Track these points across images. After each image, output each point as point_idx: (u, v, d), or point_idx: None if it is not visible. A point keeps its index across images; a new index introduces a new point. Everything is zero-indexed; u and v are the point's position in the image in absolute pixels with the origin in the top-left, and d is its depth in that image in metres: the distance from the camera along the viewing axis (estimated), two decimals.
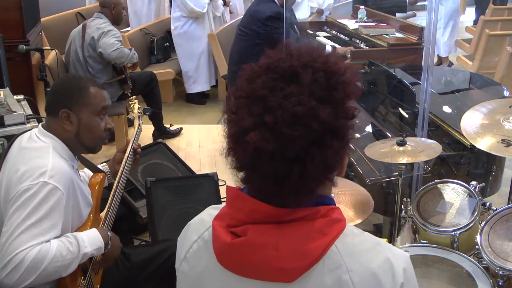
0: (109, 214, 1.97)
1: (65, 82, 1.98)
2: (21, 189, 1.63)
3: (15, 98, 2.87)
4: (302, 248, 0.90)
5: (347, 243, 0.93)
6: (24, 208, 1.60)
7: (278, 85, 0.88)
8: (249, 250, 0.91)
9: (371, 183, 2.61)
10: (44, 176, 1.66)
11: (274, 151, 0.86)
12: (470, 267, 1.95)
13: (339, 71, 0.91)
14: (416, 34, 4.51)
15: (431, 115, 2.95)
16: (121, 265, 2.05)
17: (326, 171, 0.91)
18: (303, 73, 0.89)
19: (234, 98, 0.93)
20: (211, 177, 2.92)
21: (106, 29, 4.12)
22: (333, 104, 0.88)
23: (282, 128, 0.86)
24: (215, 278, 0.97)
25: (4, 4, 3.60)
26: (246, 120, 0.89)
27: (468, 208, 2.22)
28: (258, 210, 0.92)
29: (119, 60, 4.10)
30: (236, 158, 0.93)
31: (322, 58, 0.92)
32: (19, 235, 1.56)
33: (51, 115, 1.86)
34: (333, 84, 0.90)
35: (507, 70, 4.68)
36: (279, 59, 0.92)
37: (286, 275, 0.90)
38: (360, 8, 5.41)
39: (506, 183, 2.86)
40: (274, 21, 4.20)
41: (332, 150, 0.88)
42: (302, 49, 0.93)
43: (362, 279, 0.90)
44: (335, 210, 0.96)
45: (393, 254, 0.95)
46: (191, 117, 5.44)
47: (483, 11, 7.50)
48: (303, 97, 0.87)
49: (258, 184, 0.92)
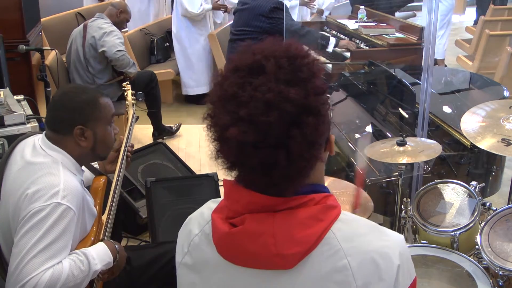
0: (110, 216, 1.96)
1: (73, 97, 1.82)
2: (32, 209, 1.59)
3: (15, 98, 2.87)
4: (298, 234, 0.92)
5: (343, 229, 0.95)
6: (36, 230, 1.56)
7: (246, 81, 0.92)
8: (247, 238, 0.93)
9: (371, 183, 2.61)
10: (57, 196, 1.61)
11: (255, 142, 0.89)
12: (470, 267, 1.95)
13: (300, 54, 0.95)
14: (416, 34, 4.51)
15: (431, 115, 2.96)
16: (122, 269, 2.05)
17: (310, 148, 0.93)
18: (267, 63, 0.92)
19: (210, 103, 0.97)
20: (211, 177, 2.92)
21: (108, 29, 4.12)
22: (300, 84, 0.92)
23: (258, 118, 0.88)
24: (216, 270, 0.99)
25: (4, 4, 3.60)
26: (223, 119, 0.92)
27: (468, 208, 2.22)
28: (254, 201, 0.95)
29: (120, 63, 4.10)
30: (224, 157, 0.96)
31: (283, 47, 0.96)
32: (31, 259, 1.53)
33: (61, 133, 1.78)
34: (297, 66, 0.93)
35: (507, 70, 4.68)
36: (243, 58, 0.96)
37: (284, 261, 0.92)
38: (360, 8, 5.40)
39: (506, 183, 2.86)
40: (278, 12, 4.18)
41: (311, 127, 0.91)
42: (263, 44, 0.97)
43: (359, 263, 0.92)
44: (329, 197, 0.98)
45: (389, 237, 0.97)
46: (191, 117, 5.43)
47: (484, 11, 7.51)
48: (271, 84, 0.90)
49: (250, 177, 0.95)
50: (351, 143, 2.99)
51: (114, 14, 4.26)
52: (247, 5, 4.43)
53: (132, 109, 2.46)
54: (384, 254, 0.94)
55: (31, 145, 1.78)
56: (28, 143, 1.80)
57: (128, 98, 2.52)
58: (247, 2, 4.44)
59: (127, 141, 2.20)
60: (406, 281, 0.96)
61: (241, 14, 4.50)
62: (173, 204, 2.82)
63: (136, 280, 2.07)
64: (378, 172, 2.68)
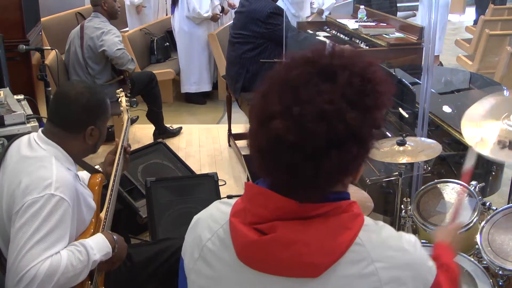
0: (108, 215, 1.97)
1: (89, 98, 1.84)
2: (26, 202, 1.61)
3: (15, 98, 2.87)
4: (330, 243, 0.91)
5: (369, 236, 0.95)
6: (31, 222, 1.58)
7: (313, 80, 0.89)
8: (279, 246, 0.91)
9: (371, 183, 2.61)
10: (50, 188, 1.63)
11: (294, 143, 0.87)
12: (470, 267, 1.95)
13: (375, 80, 0.92)
14: (416, 34, 4.51)
15: (431, 115, 2.95)
16: (122, 265, 2.05)
17: (341, 174, 0.92)
18: (340, 73, 0.89)
19: (269, 80, 0.93)
20: (211, 177, 2.92)
21: (106, 28, 4.11)
22: (362, 110, 0.89)
23: (307, 122, 0.86)
24: (235, 276, 0.97)
25: (4, 4, 3.60)
26: (274, 106, 0.89)
27: (468, 208, 2.22)
28: (283, 206, 0.93)
29: (120, 60, 4.10)
30: (257, 141, 0.93)
31: (362, 64, 0.92)
32: (28, 250, 1.54)
33: (70, 130, 1.81)
34: (367, 90, 0.90)
35: (507, 70, 4.68)
36: (321, 55, 0.92)
37: (314, 270, 0.91)
38: (360, 8, 5.40)
39: (506, 183, 2.86)
40: (275, 18, 4.12)
41: (351, 155, 0.89)
42: (346, 51, 0.94)
43: (387, 269, 0.92)
44: (354, 204, 0.97)
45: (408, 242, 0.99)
46: (191, 117, 5.44)
47: (483, 11, 7.52)
48: (335, 97, 0.87)
49: (272, 171, 0.92)
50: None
51: (101, 8, 4.17)
52: (244, 8, 4.38)
53: (127, 114, 2.47)
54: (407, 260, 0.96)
55: (26, 141, 1.81)
56: (24, 140, 1.83)
57: (122, 104, 2.54)
58: (244, 4, 4.40)
59: (123, 143, 2.22)
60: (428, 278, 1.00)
61: (239, 17, 4.46)
62: (173, 204, 2.82)
63: (137, 276, 2.08)
64: (378, 171, 2.68)
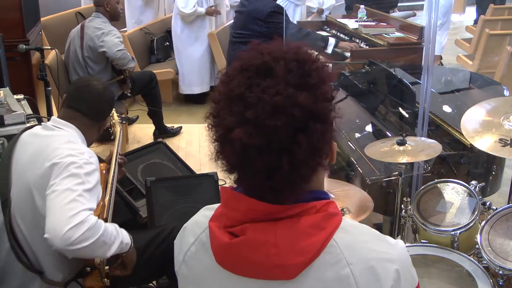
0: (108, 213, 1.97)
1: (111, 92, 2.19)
2: (66, 162, 1.68)
3: (15, 97, 2.87)
4: (301, 244, 0.90)
5: (345, 236, 0.94)
6: (76, 177, 1.65)
7: (254, 82, 0.90)
8: (248, 248, 0.91)
9: (371, 183, 2.61)
10: (85, 155, 1.74)
11: (260, 145, 0.87)
12: (470, 267, 1.95)
13: (310, 59, 0.94)
14: (416, 33, 4.51)
15: (431, 115, 2.95)
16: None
17: (315, 155, 0.91)
18: (276, 66, 0.91)
19: (214, 103, 0.95)
20: (211, 176, 2.92)
21: (106, 29, 4.12)
22: (310, 89, 0.90)
23: (265, 121, 0.87)
24: (215, 279, 0.97)
25: (4, 4, 3.60)
26: (228, 119, 0.90)
27: (468, 207, 2.22)
28: (255, 209, 0.92)
29: (121, 61, 4.10)
30: (225, 159, 0.94)
31: (293, 50, 0.94)
32: (78, 196, 1.60)
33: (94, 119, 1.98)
34: (306, 71, 0.92)
35: (507, 70, 4.68)
36: (251, 58, 0.94)
37: (287, 271, 0.90)
38: (360, 8, 5.40)
39: (506, 182, 2.86)
40: (276, 16, 4.11)
41: (317, 133, 0.89)
42: (272, 45, 0.96)
43: (361, 272, 0.91)
44: (330, 204, 0.96)
45: (389, 245, 0.96)
46: (191, 116, 5.43)
47: (484, 11, 7.51)
48: (280, 87, 0.88)
49: (251, 181, 0.92)
50: (351, 142, 2.98)
51: (104, 9, 4.18)
52: (245, 8, 4.37)
53: (119, 126, 2.48)
54: (384, 262, 0.93)
55: (39, 127, 1.91)
56: (35, 128, 1.92)
57: (114, 117, 2.54)
58: (245, 4, 4.39)
59: (117, 154, 2.27)
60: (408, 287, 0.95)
61: (239, 16, 4.45)
62: (173, 204, 2.81)
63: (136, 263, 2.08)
64: (378, 171, 2.67)
